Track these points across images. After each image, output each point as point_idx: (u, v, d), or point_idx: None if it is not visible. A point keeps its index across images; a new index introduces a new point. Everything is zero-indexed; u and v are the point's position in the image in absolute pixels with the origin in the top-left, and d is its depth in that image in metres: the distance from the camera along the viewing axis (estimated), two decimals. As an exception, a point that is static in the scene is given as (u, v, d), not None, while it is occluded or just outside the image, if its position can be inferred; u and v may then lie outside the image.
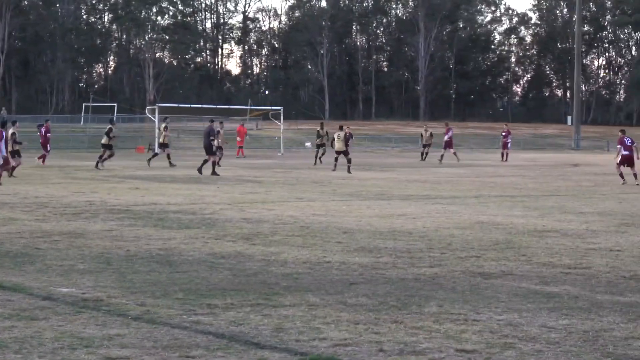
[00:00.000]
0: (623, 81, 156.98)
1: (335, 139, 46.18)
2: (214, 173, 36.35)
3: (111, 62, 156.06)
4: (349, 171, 41.58)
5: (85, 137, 78.31)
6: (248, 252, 17.08)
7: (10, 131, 32.12)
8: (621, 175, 35.67)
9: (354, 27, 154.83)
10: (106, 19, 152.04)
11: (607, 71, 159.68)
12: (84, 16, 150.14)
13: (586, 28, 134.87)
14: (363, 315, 11.48)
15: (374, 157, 41.82)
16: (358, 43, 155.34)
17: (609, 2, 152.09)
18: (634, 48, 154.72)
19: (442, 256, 16.86)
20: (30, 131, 59.30)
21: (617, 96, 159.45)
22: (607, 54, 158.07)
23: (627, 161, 35.55)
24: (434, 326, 10.96)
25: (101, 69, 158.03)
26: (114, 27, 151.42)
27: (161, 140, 42.78)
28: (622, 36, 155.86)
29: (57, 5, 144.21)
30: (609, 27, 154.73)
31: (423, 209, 26.00)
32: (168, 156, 43.54)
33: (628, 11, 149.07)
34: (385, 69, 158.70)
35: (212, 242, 18.31)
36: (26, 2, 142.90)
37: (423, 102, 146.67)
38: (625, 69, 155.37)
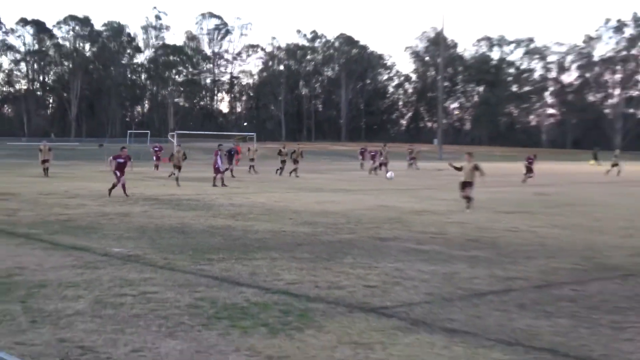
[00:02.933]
0: (469, 117, 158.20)
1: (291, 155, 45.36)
2: (219, 184, 33.56)
3: (146, 105, 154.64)
4: (297, 175, 41.36)
5: (130, 151, 77.30)
6: (233, 225, 17.06)
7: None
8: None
9: (300, 82, 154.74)
10: (143, 77, 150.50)
11: (459, 111, 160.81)
12: (129, 75, 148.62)
13: (446, 84, 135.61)
14: (306, 265, 11.54)
15: (314, 165, 41.90)
16: (303, 93, 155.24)
17: (461, 67, 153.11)
18: (476, 96, 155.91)
19: (355, 227, 16.94)
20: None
21: (465, 126, 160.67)
22: (459, 100, 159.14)
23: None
24: (350, 271, 11.05)
25: (139, 109, 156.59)
26: (148, 82, 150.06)
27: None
28: (468, 88, 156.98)
29: (112, 68, 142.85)
30: (460, 83, 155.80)
31: (344, 198, 26.09)
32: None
33: (473, 74, 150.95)
34: (321, 109, 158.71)
35: (210, 219, 18.26)
36: (92, 67, 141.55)
37: (344, 131, 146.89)
38: (471, 109, 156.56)
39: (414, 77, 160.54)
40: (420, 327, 7.79)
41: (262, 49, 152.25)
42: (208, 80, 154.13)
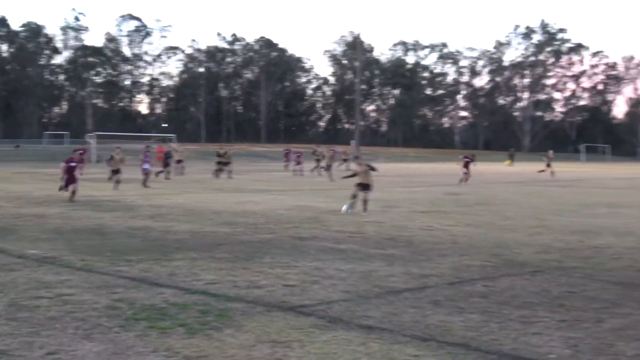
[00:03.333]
0: (385, 119, 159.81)
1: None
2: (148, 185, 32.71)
3: (64, 106, 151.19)
4: (217, 176, 40.90)
5: (46, 152, 75.30)
6: (152, 226, 16.82)
7: None
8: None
9: (220, 84, 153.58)
10: (61, 78, 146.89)
11: (375, 113, 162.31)
12: (47, 76, 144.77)
13: (363, 86, 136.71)
14: (225, 265, 11.45)
15: (234, 166, 41.75)
16: (223, 94, 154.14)
17: (377, 71, 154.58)
18: (392, 99, 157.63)
19: (274, 227, 16.91)
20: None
21: (382, 128, 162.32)
22: (375, 103, 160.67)
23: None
24: (269, 270, 11.01)
25: (57, 110, 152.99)
26: (67, 83, 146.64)
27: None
28: (385, 91, 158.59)
29: (29, 69, 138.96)
30: (377, 86, 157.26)
31: (263, 198, 26.03)
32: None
33: (389, 77, 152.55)
34: (240, 111, 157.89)
35: (129, 220, 17.97)
36: (9, 67, 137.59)
37: (264, 132, 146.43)
38: (387, 111, 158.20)
39: (332, 80, 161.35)
40: (337, 324, 7.81)
41: (182, 51, 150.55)
42: (127, 82, 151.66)
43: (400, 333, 7.49)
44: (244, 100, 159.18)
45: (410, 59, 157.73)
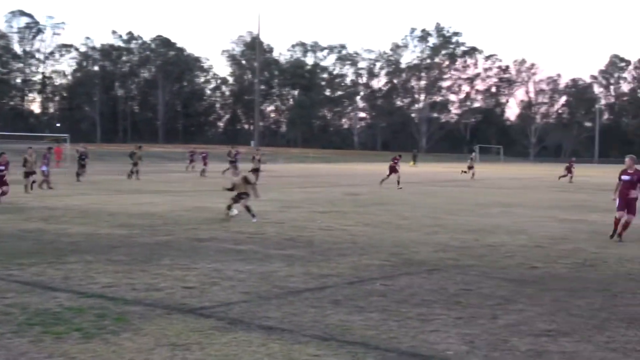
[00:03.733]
0: (285, 119, 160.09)
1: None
2: (46, 187, 31.54)
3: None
4: (129, 177, 39.80)
5: None
6: (45, 228, 16.35)
7: None
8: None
9: (116, 83, 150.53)
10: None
11: (275, 113, 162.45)
12: None
13: (263, 87, 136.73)
14: (122, 267, 11.24)
15: (129, 167, 40.98)
16: (119, 94, 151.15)
17: (276, 71, 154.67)
18: (291, 99, 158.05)
19: (173, 228, 16.70)
20: None
21: (281, 129, 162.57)
22: (275, 103, 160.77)
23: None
24: (168, 272, 10.86)
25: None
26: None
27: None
28: (284, 92, 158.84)
29: None
30: (276, 87, 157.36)
31: (161, 199, 25.67)
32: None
33: (289, 78, 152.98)
34: (137, 111, 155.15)
35: (22, 222, 17.42)
36: None
37: (161, 132, 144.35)
38: (286, 112, 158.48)
39: (231, 80, 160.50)
40: (237, 326, 7.77)
41: (76, 49, 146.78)
42: (18, 80, 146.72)
43: (301, 333, 7.51)
44: (140, 100, 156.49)
45: (310, 60, 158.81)
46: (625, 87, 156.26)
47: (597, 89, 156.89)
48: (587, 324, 8.20)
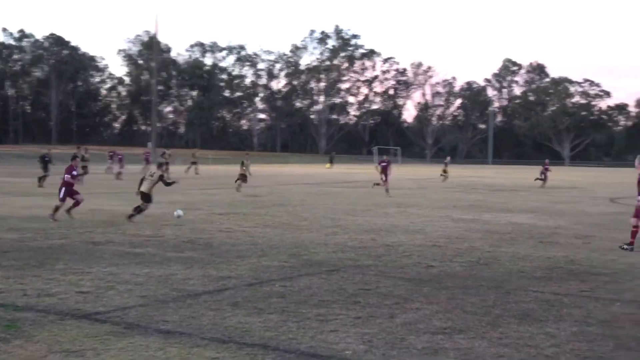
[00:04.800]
0: (183, 120, 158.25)
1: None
2: None
3: None
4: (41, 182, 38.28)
5: None
6: None
7: None
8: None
9: (7, 83, 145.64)
10: None
11: (173, 114, 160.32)
12: None
13: (160, 87, 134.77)
14: (12, 272, 10.89)
15: (21, 168, 39.52)
16: (9, 93, 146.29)
17: (175, 72, 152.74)
18: (189, 100, 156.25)
19: (67, 232, 16.29)
20: None
21: (180, 130, 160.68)
22: (173, 104, 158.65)
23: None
24: (61, 277, 10.59)
25: None
26: None
27: None
28: (182, 93, 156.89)
29: None
30: (174, 88, 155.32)
31: (55, 202, 24.94)
32: None
33: (187, 78, 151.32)
34: (29, 111, 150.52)
35: None
36: None
37: (55, 133, 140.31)
38: (185, 113, 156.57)
39: (127, 80, 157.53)
40: (134, 330, 7.64)
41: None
42: None
43: (199, 336, 7.45)
44: (32, 100, 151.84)
45: (208, 60, 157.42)
46: (517, 90, 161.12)
47: (490, 92, 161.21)
48: (481, 320, 8.43)
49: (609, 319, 8.66)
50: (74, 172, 19.78)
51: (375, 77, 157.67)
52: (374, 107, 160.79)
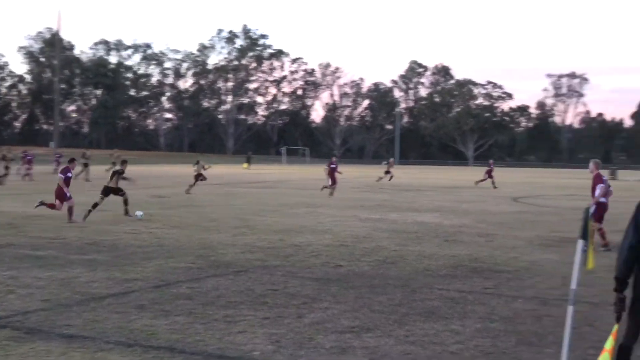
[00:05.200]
0: (87, 119, 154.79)
1: None
2: None
3: None
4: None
5: None
6: None
7: None
8: None
9: None
10: None
11: (77, 113, 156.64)
12: None
13: (63, 86, 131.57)
14: None
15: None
16: None
17: (78, 70, 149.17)
18: (94, 99, 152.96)
19: (-36, 235, 15.75)
20: None
21: (83, 129, 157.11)
22: (76, 103, 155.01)
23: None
24: (-42, 282, 10.23)
25: None
26: None
27: None
28: (86, 91, 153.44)
29: None
30: (78, 86, 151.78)
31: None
32: None
33: (91, 77, 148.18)
34: None
35: None
36: None
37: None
38: (89, 112, 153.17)
39: (28, 78, 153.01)
40: (36, 335, 7.43)
41: None
42: None
43: (104, 340, 7.30)
44: None
45: (113, 58, 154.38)
46: (423, 92, 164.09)
47: (397, 93, 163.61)
48: (388, 319, 8.53)
49: (511, 315, 8.90)
50: None
51: (284, 77, 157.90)
52: (283, 107, 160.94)
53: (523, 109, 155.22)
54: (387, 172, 50.10)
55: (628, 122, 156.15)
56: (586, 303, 9.43)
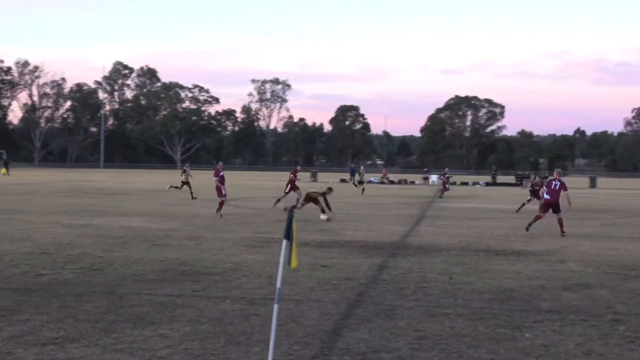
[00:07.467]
0: None
1: None
2: None
3: None
4: None
5: None
6: None
7: None
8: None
9: None
10: None
11: None
12: None
13: None
14: None
15: None
16: None
17: None
18: None
19: None
20: None
21: None
22: None
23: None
24: None
25: None
26: None
27: None
28: None
29: None
30: None
31: None
32: None
33: None
34: None
35: None
36: None
37: None
38: None
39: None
40: None
41: None
42: None
43: None
44: None
45: None
46: (129, 94, 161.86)
47: (102, 95, 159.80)
48: (95, 327, 8.29)
49: (220, 316, 9.04)
50: None
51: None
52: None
53: (229, 113, 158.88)
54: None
55: (327, 127, 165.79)
56: (291, 300, 9.85)
